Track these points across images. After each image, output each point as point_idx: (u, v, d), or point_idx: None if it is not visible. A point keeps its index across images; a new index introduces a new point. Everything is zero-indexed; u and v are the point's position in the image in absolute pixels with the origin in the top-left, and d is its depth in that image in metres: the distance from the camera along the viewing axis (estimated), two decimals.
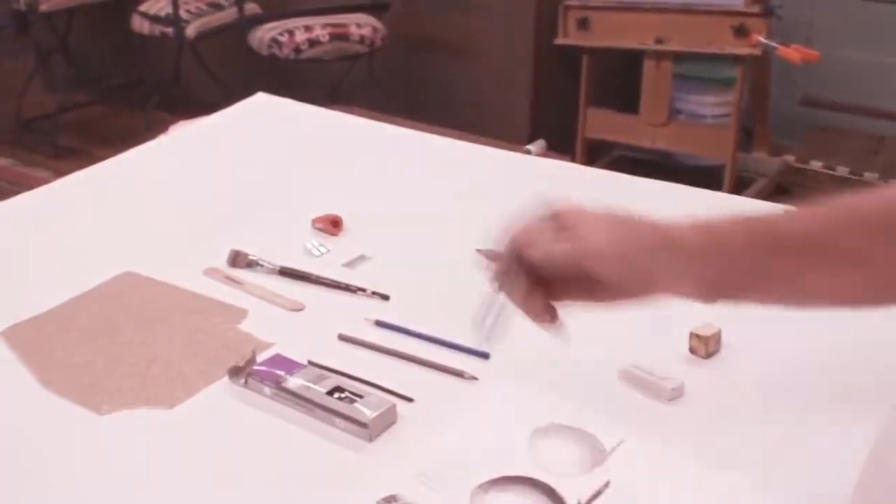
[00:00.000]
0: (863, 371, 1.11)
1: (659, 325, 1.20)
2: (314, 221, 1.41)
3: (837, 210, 0.90)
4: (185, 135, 1.74)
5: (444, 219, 1.47)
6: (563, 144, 3.23)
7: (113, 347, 1.17)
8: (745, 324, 1.18)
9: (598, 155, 3.72)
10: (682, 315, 1.20)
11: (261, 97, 1.87)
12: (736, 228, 0.90)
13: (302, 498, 0.94)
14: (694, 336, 1.14)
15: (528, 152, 2.05)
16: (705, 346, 1.13)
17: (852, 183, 3.54)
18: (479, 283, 1.29)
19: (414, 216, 1.47)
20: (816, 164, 3.63)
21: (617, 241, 0.90)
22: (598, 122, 3.60)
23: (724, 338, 1.15)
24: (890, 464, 0.79)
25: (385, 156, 1.68)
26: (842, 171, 3.61)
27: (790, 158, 3.68)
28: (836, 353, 1.14)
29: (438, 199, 1.52)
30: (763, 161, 3.67)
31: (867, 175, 3.60)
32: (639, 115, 3.53)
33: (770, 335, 1.16)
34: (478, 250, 0.96)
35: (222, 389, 1.09)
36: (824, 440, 1.00)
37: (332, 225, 1.40)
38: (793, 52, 3.19)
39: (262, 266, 1.31)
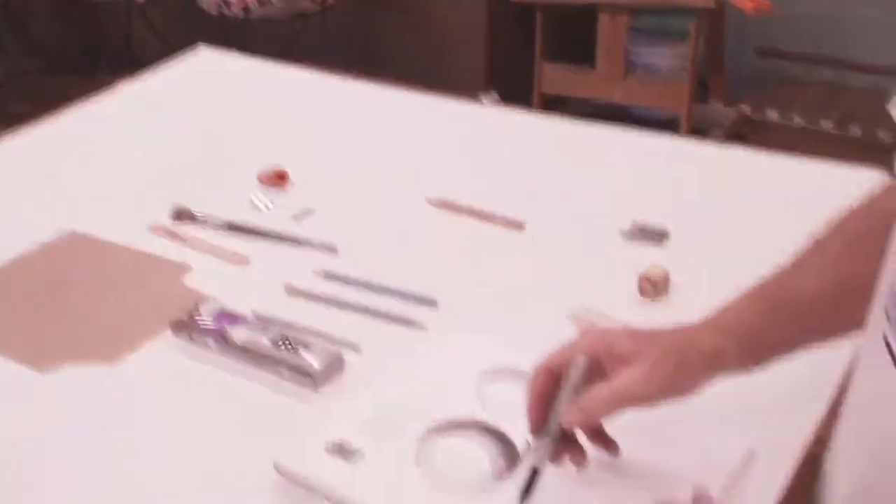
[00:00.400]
0: None
1: (609, 268, 1.20)
2: (259, 176, 1.39)
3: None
4: (128, 92, 1.71)
5: (393, 171, 1.45)
6: (519, 100, 3.21)
7: (55, 305, 1.15)
8: (694, 266, 1.18)
9: (555, 110, 3.70)
10: (630, 255, 1.20)
11: (203, 52, 1.83)
12: (755, 311, 0.88)
13: (249, 448, 0.93)
14: (643, 279, 1.13)
15: (481, 102, 2.03)
16: (654, 288, 1.13)
17: (808, 133, 3.55)
18: (427, 234, 1.28)
19: (362, 169, 1.45)
20: (772, 115, 3.63)
21: (663, 389, 0.85)
22: (554, 77, 3.58)
23: (673, 280, 1.14)
24: (866, 418, 0.79)
25: (332, 109, 1.65)
26: (798, 121, 3.61)
27: (746, 109, 3.68)
28: None
29: (387, 152, 1.51)
30: (719, 112, 3.67)
31: (823, 125, 3.61)
32: (595, 69, 3.52)
33: (719, 277, 1.16)
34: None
35: (166, 344, 1.08)
36: (775, 378, 1.00)
37: (278, 179, 1.38)
38: (746, 2, 3.18)
39: (206, 221, 1.29)
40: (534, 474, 0.82)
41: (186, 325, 1.07)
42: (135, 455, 0.93)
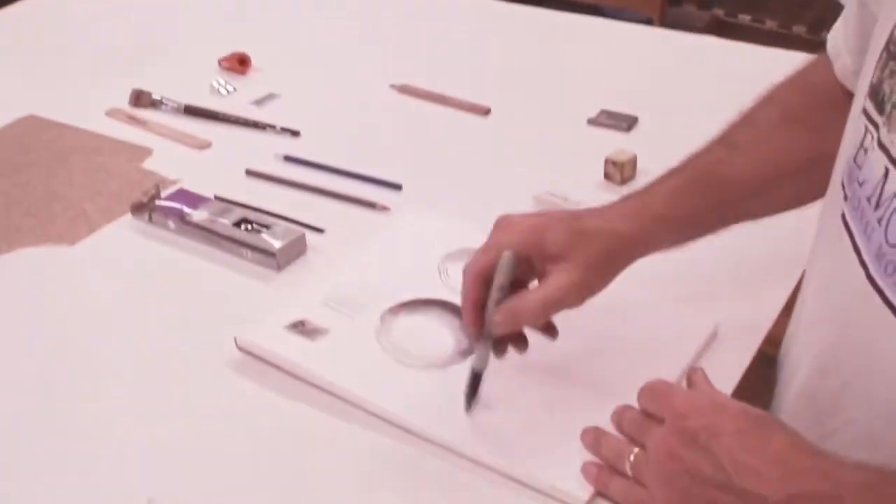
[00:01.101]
0: None
1: (575, 153, 1.19)
2: (221, 60, 1.36)
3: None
4: None
5: (357, 57, 1.42)
6: None
7: (13, 188, 1.13)
8: (661, 150, 1.17)
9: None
10: (597, 141, 1.19)
11: None
12: (685, 199, 0.85)
13: (210, 328, 0.92)
14: (609, 162, 1.12)
15: None
16: (620, 172, 1.12)
17: (781, 37, 3.52)
18: (392, 120, 1.26)
19: (325, 55, 1.42)
20: (745, 18, 3.60)
21: (592, 292, 0.81)
22: None
23: (640, 164, 1.13)
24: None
25: None
26: (770, 24, 3.58)
27: (719, 12, 3.64)
28: None
29: (351, 38, 1.48)
30: (692, 15, 3.63)
31: (795, 29, 3.58)
32: None
33: None
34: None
35: (125, 226, 1.06)
36: (742, 259, 0.99)
37: (240, 63, 1.35)
38: None
39: (166, 105, 1.26)
40: (476, 378, 0.80)
41: (146, 207, 1.05)
42: (95, 336, 0.92)
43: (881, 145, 0.67)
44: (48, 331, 0.93)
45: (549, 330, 0.84)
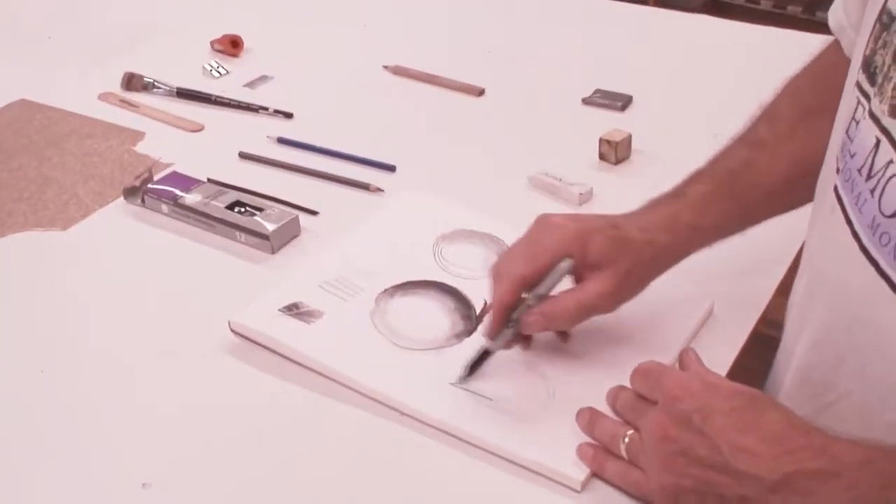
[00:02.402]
0: None
1: (569, 133, 1.19)
2: (213, 43, 1.35)
3: None
4: None
5: (349, 38, 1.41)
6: None
7: (5, 174, 1.12)
8: (656, 129, 1.17)
9: None
10: (592, 121, 1.19)
11: None
12: (715, 208, 0.85)
13: (205, 311, 0.91)
14: (604, 142, 1.12)
15: None
16: (615, 151, 1.11)
17: (775, 17, 3.51)
18: (385, 101, 1.26)
19: (317, 36, 1.41)
20: None
21: (624, 301, 0.82)
22: None
23: (634, 143, 1.13)
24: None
25: None
26: (765, 4, 3.57)
27: None
28: None
29: (343, 19, 1.47)
30: None
31: (790, 9, 3.57)
32: None
33: (680, 141, 1.15)
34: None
35: (118, 209, 1.06)
36: (740, 241, 0.99)
37: (232, 46, 1.34)
38: None
39: (158, 88, 1.26)
40: (484, 354, 0.81)
41: (139, 191, 1.05)
42: (88, 321, 0.92)
43: (872, 115, 0.67)
44: (41, 316, 0.93)
45: (565, 333, 0.84)
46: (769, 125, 0.87)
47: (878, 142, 0.66)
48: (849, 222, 0.69)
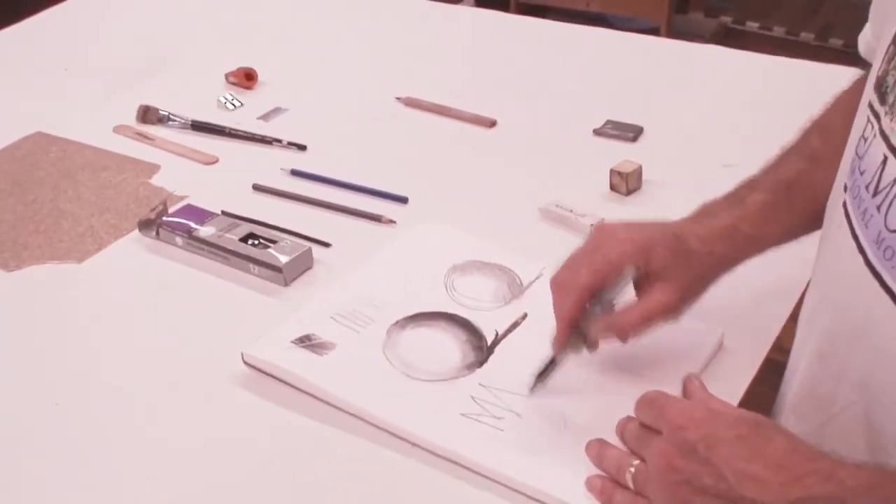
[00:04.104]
0: None
1: (580, 164, 1.19)
2: (227, 76, 1.36)
3: None
4: None
5: (363, 70, 1.43)
6: (497, 8, 3.16)
7: (21, 206, 1.13)
8: (667, 160, 1.17)
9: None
10: (603, 152, 1.19)
11: None
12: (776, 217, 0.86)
13: (218, 344, 0.92)
14: (615, 173, 1.12)
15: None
16: (626, 182, 1.12)
17: (788, 44, 3.52)
18: (398, 133, 1.26)
19: (331, 69, 1.43)
20: (753, 25, 3.59)
21: (683, 312, 0.84)
22: None
23: (645, 175, 1.13)
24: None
25: (301, 9, 1.62)
26: (778, 31, 3.58)
27: (726, 20, 3.64)
28: None
29: (356, 51, 1.48)
30: (699, 22, 3.63)
31: (803, 35, 3.57)
32: None
33: (691, 172, 1.16)
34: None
35: (133, 242, 1.07)
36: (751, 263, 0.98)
37: (247, 78, 1.35)
38: None
39: (173, 121, 1.27)
40: (552, 365, 0.83)
41: (154, 223, 1.06)
42: (103, 353, 0.93)
43: (882, 134, 0.68)
44: (57, 348, 0.93)
45: (594, 343, 0.85)
46: (822, 137, 0.89)
47: (885, 159, 0.67)
48: (855, 237, 0.70)
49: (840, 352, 0.73)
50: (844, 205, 0.73)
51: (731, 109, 1.30)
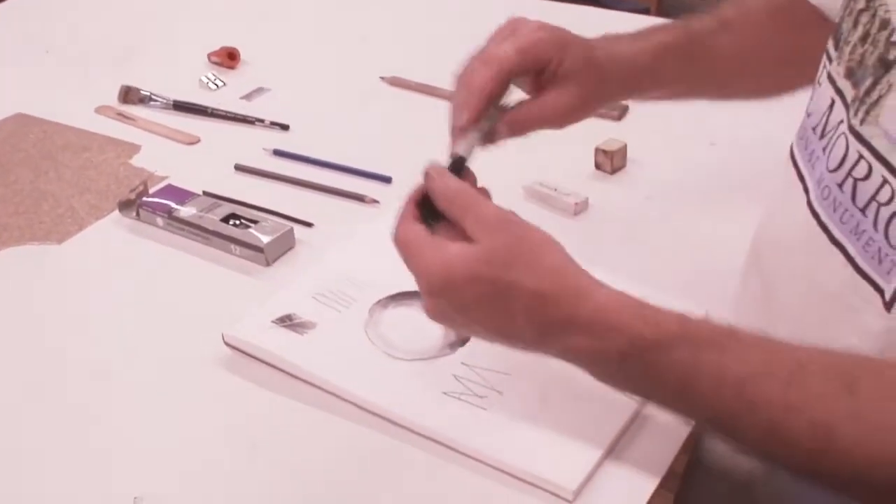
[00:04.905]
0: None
1: (565, 143, 1.18)
2: (209, 55, 1.35)
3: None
4: None
5: (346, 49, 1.42)
6: None
7: (1, 188, 1.12)
8: (652, 139, 1.17)
9: None
10: (588, 130, 1.18)
11: None
12: (669, 55, 0.88)
13: (200, 324, 0.91)
14: (599, 151, 1.12)
15: None
16: (611, 161, 1.11)
17: None
18: (382, 112, 1.26)
19: (314, 46, 1.42)
20: None
21: (578, 120, 0.86)
22: None
23: (630, 153, 1.13)
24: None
25: None
26: None
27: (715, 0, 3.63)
28: (737, 167, 1.12)
29: (339, 30, 1.47)
30: (689, 2, 3.62)
31: None
32: None
33: (676, 150, 1.15)
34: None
35: (114, 223, 1.06)
36: (718, 242, 0.98)
37: (229, 58, 1.34)
38: None
39: (154, 101, 1.26)
40: (460, 161, 0.82)
41: (134, 204, 1.05)
42: (83, 334, 0.92)
43: (829, 77, 0.71)
44: (36, 329, 0.93)
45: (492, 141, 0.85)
46: (736, 8, 0.90)
47: (832, 102, 0.69)
48: (801, 178, 0.73)
49: (779, 291, 0.75)
50: (791, 147, 0.76)
51: None
